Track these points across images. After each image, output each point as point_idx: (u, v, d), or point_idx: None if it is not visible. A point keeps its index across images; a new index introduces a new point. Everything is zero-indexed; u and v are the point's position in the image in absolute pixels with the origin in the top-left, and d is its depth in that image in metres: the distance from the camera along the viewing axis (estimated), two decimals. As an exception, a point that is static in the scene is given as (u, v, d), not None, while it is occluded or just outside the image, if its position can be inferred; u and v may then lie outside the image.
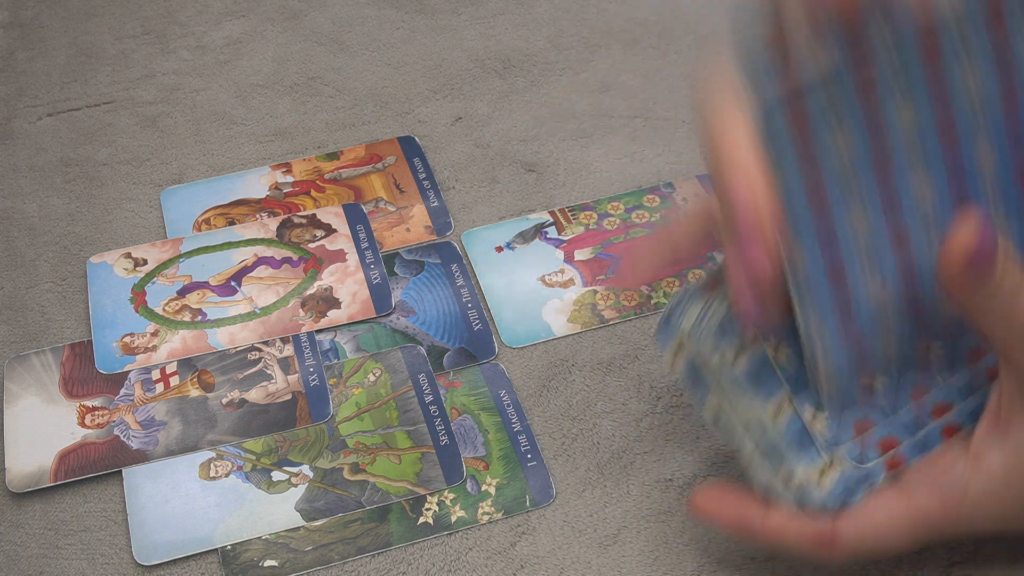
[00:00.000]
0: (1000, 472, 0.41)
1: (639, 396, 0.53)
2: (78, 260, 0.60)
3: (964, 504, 0.41)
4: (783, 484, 0.42)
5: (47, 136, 0.67)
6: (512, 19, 0.74)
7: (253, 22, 0.74)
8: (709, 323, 0.43)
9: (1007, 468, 0.41)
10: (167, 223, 0.62)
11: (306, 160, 0.65)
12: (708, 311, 0.43)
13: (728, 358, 0.42)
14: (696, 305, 0.43)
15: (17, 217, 0.63)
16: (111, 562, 0.49)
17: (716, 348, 0.42)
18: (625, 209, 0.61)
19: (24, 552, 0.49)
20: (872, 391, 0.42)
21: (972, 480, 0.41)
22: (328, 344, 0.56)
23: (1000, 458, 0.41)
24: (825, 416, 0.42)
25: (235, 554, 0.48)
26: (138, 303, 0.57)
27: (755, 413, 0.42)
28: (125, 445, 0.52)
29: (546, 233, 0.60)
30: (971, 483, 0.41)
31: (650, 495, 0.50)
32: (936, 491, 0.42)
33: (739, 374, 0.42)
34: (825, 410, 0.42)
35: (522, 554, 0.48)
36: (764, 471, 0.43)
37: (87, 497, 0.51)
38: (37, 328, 0.57)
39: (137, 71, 0.71)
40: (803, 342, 0.40)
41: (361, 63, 0.71)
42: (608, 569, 0.48)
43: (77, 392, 0.54)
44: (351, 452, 0.52)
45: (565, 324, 0.56)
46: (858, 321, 0.40)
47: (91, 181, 0.64)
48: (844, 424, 0.42)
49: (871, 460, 0.42)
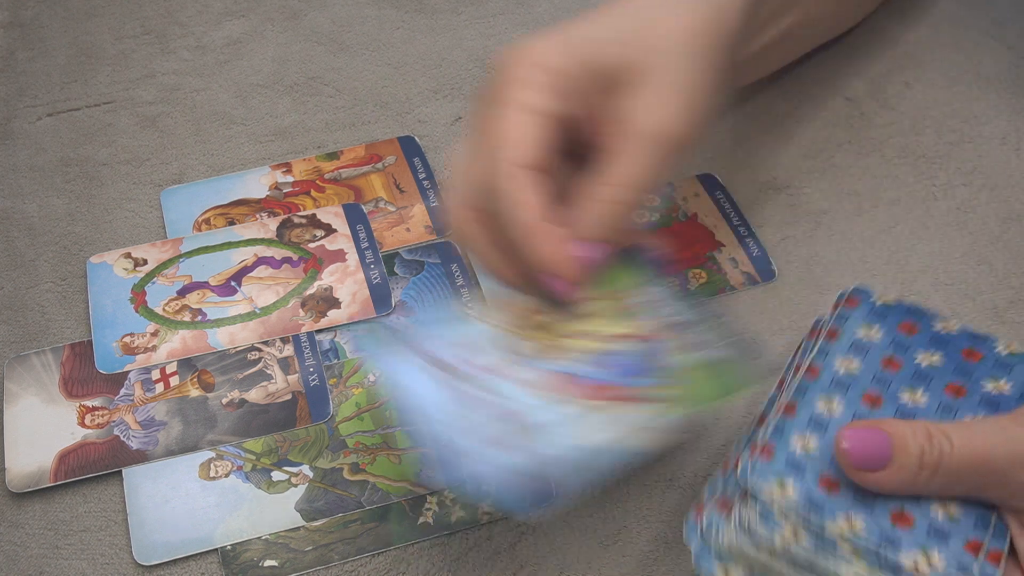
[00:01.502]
0: None
1: (639, 396, 0.54)
2: (78, 260, 0.60)
3: None
4: None
5: (47, 136, 0.67)
6: (512, 19, 0.74)
7: (253, 22, 0.74)
8: (750, 523, 0.42)
9: None
10: (167, 223, 0.62)
11: (306, 160, 0.65)
12: (742, 517, 0.42)
13: (789, 534, 0.41)
14: (722, 522, 0.43)
15: (17, 217, 0.63)
16: (111, 562, 0.49)
17: (774, 533, 0.41)
18: (625, 209, 0.61)
19: (24, 552, 0.49)
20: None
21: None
22: (328, 344, 0.56)
23: None
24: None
25: (235, 554, 0.48)
26: (138, 303, 0.57)
27: (850, 569, 0.41)
28: (125, 445, 0.52)
29: (546, 233, 0.60)
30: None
31: (650, 495, 0.50)
32: None
33: (805, 544, 0.41)
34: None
35: (522, 554, 0.48)
36: None
37: (87, 497, 0.51)
38: (37, 328, 0.57)
39: (137, 71, 0.71)
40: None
41: (361, 63, 0.71)
42: (608, 569, 0.48)
43: (77, 392, 0.54)
44: (351, 452, 0.52)
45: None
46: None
47: (91, 181, 0.64)
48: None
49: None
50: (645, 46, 0.47)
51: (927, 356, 0.45)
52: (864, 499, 0.41)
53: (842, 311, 0.47)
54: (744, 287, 0.58)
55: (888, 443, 0.41)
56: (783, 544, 0.41)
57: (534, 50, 0.47)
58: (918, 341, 0.46)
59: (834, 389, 0.44)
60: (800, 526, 0.41)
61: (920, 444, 0.41)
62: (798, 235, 0.60)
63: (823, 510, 0.41)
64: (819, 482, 0.41)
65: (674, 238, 0.60)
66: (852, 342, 0.46)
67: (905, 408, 0.43)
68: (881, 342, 0.46)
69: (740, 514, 0.42)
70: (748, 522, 0.42)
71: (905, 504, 0.41)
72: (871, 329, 0.46)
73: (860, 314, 0.47)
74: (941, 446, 0.40)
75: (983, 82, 0.67)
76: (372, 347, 0.48)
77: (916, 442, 0.41)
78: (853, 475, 0.41)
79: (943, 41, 0.70)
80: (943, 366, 0.45)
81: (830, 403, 0.44)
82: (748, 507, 0.42)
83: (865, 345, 0.45)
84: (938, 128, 0.65)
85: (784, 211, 0.61)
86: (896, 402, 0.44)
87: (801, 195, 0.62)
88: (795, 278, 0.58)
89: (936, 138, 0.64)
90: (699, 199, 0.62)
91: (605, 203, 0.46)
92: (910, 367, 0.45)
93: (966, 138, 0.64)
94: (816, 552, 0.41)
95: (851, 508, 0.41)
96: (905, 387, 0.44)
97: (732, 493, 0.44)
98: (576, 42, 0.47)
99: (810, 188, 0.62)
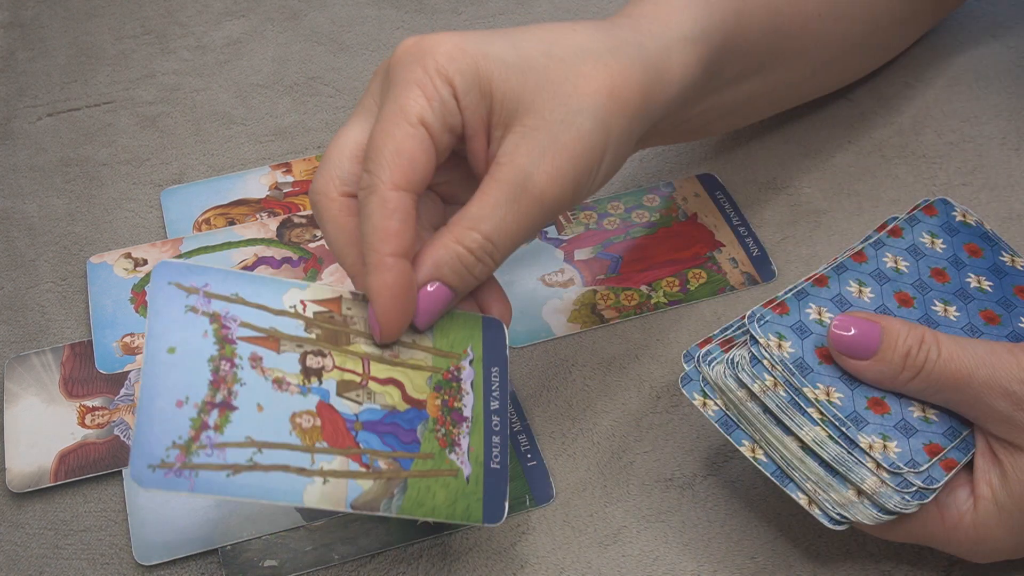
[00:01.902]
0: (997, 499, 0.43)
1: (639, 396, 0.53)
2: (78, 260, 0.60)
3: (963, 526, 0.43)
4: (854, 502, 0.42)
5: (47, 136, 0.67)
6: (512, 19, 0.74)
7: (253, 22, 0.74)
8: (740, 363, 0.44)
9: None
10: (167, 223, 0.62)
11: (306, 160, 0.65)
12: (735, 356, 0.44)
13: (769, 384, 0.43)
14: (719, 355, 0.45)
15: (17, 217, 0.63)
16: (111, 562, 0.49)
17: (755, 379, 0.44)
18: (625, 209, 0.61)
19: (24, 552, 0.49)
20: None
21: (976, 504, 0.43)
22: (328, 344, 0.56)
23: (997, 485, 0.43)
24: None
25: (235, 554, 0.48)
26: (138, 303, 0.57)
27: (812, 431, 0.43)
28: (125, 445, 0.52)
29: (546, 233, 0.60)
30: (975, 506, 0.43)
31: (650, 495, 0.50)
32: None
33: (779, 398, 0.43)
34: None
35: (522, 554, 0.48)
36: (835, 491, 0.43)
37: (87, 497, 0.51)
38: (37, 328, 0.57)
39: (137, 71, 0.71)
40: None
41: (361, 63, 0.71)
42: (608, 569, 0.48)
43: (77, 392, 0.54)
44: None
45: (565, 324, 0.56)
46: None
47: (91, 181, 0.64)
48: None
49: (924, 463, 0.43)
50: (551, 91, 0.43)
51: (979, 280, 0.46)
52: (851, 380, 0.43)
53: (917, 215, 0.48)
54: (744, 287, 0.58)
55: (878, 337, 0.43)
56: (761, 390, 0.43)
57: (440, 54, 0.43)
58: (977, 264, 0.46)
59: (873, 278, 0.46)
60: (781, 382, 0.43)
61: (908, 345, 0.42)
62: (798, 235, 0.60)
63: (808, 375, 0.43)
64: (815, 351, 0.44)
65: (674, 238, 0.60)
66: (912, 244, 0.47)
67: (932, 316, 0.45)
68: (940, 254, 0.47)
69: (735, 354, 0.44)
70: (739, 362, 0.44)
71: (888, 395, 0.43)
72: (936, 240, 0.47)
73: (932, 223, 0.48)
74: (928, 353, 0.42)
75: (983, 82, 0.67)
76: (158, 287, 0.42)
77: (905, 343, 0.42)
78: (838, 358, 0.43)
79: (943, 41, 0.70)
80: (989, 293, 0.46)
81: (862, 288, 0.45)
82: (743, 349, 0.44)
83: (923, 251, 0.46)
84: (938, 128, 0.65)
85: (784, 211, 0.61)
86: (925, 309, 0.45)
87: (801, 195, 0.62)
88: (795, 278, 0.58)
89: (936, 138, 0.64)
90: (699, 199, 0.62)
91: (448, 244, 0.43)
92: (957, 283, 0.46)
93: (966, 138, 0.64)
94: (788, 406, 0.43)
95: (835, 382, 0.43)
96: (942, 300, 0.45)
97: (738, 337, 0.46)
98: (489, 60, 0.43)
99: (810, 188, 0.62)
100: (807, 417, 0.43)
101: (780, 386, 0.43)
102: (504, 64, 0.43)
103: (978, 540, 0.43)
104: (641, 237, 0.60)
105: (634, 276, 0.58)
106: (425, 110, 0.42)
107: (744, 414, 0.44)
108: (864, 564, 0.47)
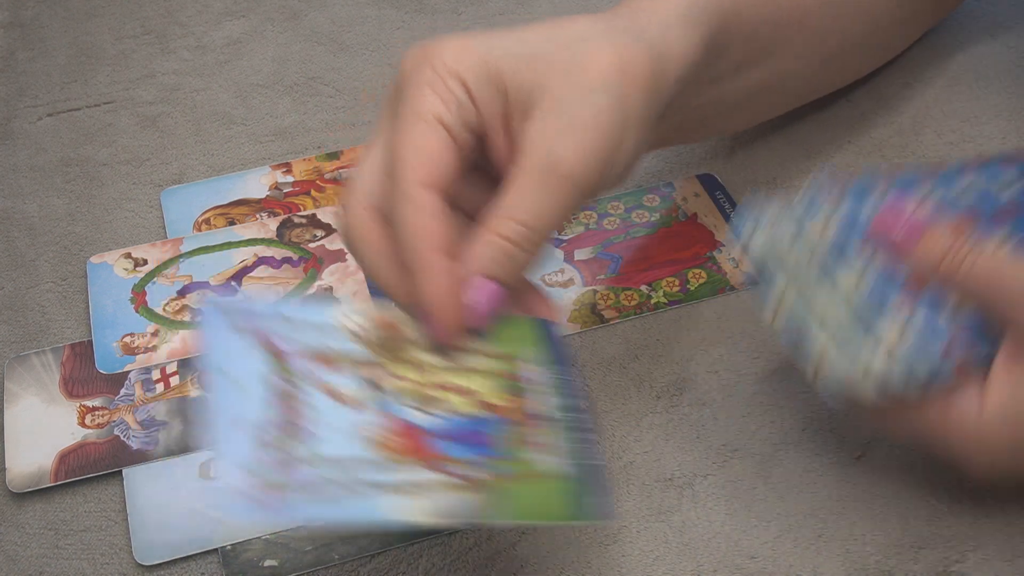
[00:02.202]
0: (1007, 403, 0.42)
1: (639, 396, 0.53)
2: (78, 260, 0.60)
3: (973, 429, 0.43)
4: (863, 373, 0.42)
5: (47, 136, 0.67)
6: (513, 19, 0.74)
7: (253, 22, 0.74)
8: (792, 209, 0.45)
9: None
10: (167, 223, 0.62)
11: (306, 160, 0.65)
12: (786, 209, 0.45)
13: (820, 226, 0.44)
14: (774, 208, 0.46)
15: (17, 217, 0.63)
16: (111, 562, 0.49)
17: (810, 216, 0.44)
18: (625, 209, 0.61)
19: (24, 552, 0.49)
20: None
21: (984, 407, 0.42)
22: (328, 344, 0.56)
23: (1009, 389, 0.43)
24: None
25: (235, 554, 0.48)
26: (138, 303, 0.58)
27: (837, 291, 0.43)
28: (125, 445, 0.52)
29: (546, 233, 0.60)
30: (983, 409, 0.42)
31: (650, 495, 0.50)
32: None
33: (825, 244, 0.44)
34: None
35: (522, 554, 0.48)
36: (842, 362, 0.43)
37: (87, 497, 0.51)
38: (37, 328, 0.57)
39: (137, 71, 0.71)
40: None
41: (361, 63, 0.71)
42: (608, 569, 0.48)
43: (77, 392, 0.54)
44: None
45: (565, 324, 0.56)
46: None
47: (91, 181, 0.64)
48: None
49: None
50: (563, 73, 0.43)
51: None
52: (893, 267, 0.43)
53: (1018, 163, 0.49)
54: (744, 287, 0.58)
55: (920, 232, 0.43)
56: (815, 229, 0.44)
57: (447, 54, 0.43)
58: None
59: (948, 183, 0.46)
60: (822, 247, 0.44)
61: (946, 248, 0.42)
62: (798, 235, 0.60)
63: (849, 247, 0.44)
64: (867, 227, 0.44)
65: (674, 238, 0.60)
66: (991, 192, 0.47)
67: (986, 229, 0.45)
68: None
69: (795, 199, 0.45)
70: (795, 212, 0.45)
71: (921, 294, 0.43)
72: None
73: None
74: (964, 259, 0.42)
75: (983, 82, 0.67)
76: (207, 321, 0.41)
77: (943, 245, 0.42)
78: (886, 231, 0.43)
79: (943, 41, 0.70)
80: None
81: (933, 193, 0.45)
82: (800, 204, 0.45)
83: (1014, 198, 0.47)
84: (938, 128, 0.65)
85: (784, 211, 0.61)
86: (984, 232, 0.44)
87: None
88: (795, 278, 0.58)
89: (936, 138, 0.64)
90: (699, 199, 0.62)
91: (493, 237, 0.42)
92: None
93: (966, 138, 0.64)
94: (834, 248, 0.44)
95: (880, 252, 0.43)
96: (1003, 230, 0.45)
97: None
98: (496, 54, 0.43)
99: (810, 188, 0.62)
100: (850, 264, 0.43)
101: (822, 246, 0.44)
102: (512, 56, 0.44)
103: (979, 447, 0.42)
104: (641, 237, 0.60)
105: (634, 276, 0.58)
106: (440, 108, 0.42)
107: (784, 259, 0.45)
108: (864, 564, 0.47)
